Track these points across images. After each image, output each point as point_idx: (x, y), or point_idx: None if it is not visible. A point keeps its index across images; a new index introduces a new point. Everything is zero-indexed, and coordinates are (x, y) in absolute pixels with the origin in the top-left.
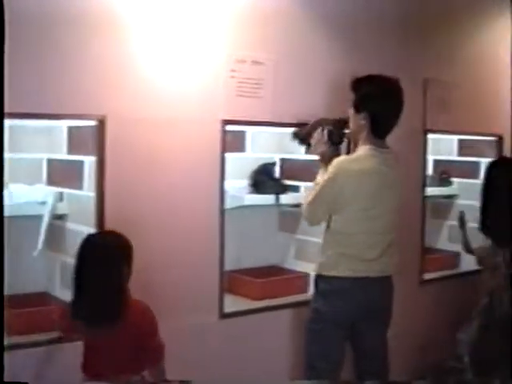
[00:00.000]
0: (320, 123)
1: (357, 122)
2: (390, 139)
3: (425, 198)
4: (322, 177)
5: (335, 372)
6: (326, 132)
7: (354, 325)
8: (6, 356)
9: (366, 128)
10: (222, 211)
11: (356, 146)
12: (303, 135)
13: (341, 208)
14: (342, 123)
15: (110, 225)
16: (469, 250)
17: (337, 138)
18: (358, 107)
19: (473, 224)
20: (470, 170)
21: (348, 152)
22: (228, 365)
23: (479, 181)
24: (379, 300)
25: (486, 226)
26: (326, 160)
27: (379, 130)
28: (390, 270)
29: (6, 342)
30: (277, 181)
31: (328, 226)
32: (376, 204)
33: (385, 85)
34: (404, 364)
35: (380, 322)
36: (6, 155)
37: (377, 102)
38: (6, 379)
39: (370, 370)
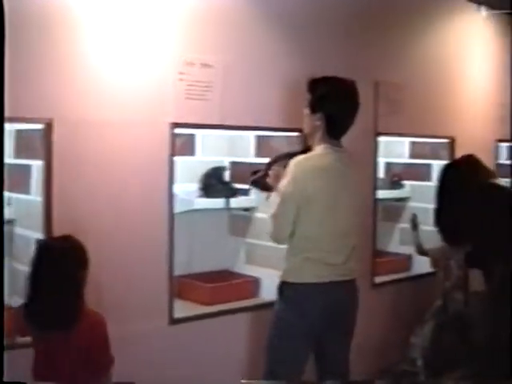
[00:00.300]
0: (274, 161)
1: (312, 123)
2: (343, 141)
3: (376, 200)
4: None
5: (297, 377)
6: (281, 168)
7: (318, 330)
8: None
9: (322, 129)
10: (171, 215)
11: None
12: (261, 179)
13: (304, 208)
14: (296, 156)
15: (57, 229)
16: (421, 251)
17: None
18: (314, 108)
19: (425, 226)
20: (421, 173)
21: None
22: (178, 371)
23: (431, 183)
24: (345, 304)
25: (439, 227)
26: None
27: (335, 131)
28: (355, 273)
29: None
30: (227, 184)
31: (292, 231)
32: (338, 203)
33: (341, 86)
34: (356, 368)
35: (345, 326)
36: None
37: (332, 103)
38: None
39: (332, 371)
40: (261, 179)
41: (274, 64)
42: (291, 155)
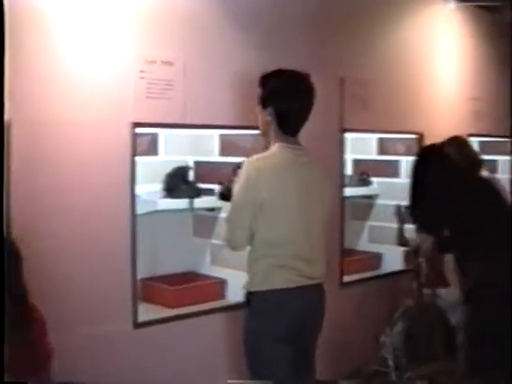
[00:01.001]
0: (238, 166)
1: (264, 119)
2: (307, 139)
3: (344, 198)
4: None
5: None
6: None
7: (291, 335)
8: None
9: (273, 124)
10: (134, 216)
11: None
12: (228, 190)
13: (261, 212)
14: None
15: (16, 230)
16: (403, 242)
17: None
18: (264, 102)
19: (395, 224)
20: (390, 169)
21: None
22: (143, 375)
23: (400, 180)
24: (314, 308)
25: (414, 216)
26: None
27: (287, 126)
28: (323, 276)
29: None
30: (191, 184)
31: (251, 237)
32: (299, 204)
33: (291, 79)
34: (326, 368)
35: (314, 329)
36: None
37: (281, 96)
38: None
39: (299, 372)
40: (228, 190)
41: (238, 61)
42: None
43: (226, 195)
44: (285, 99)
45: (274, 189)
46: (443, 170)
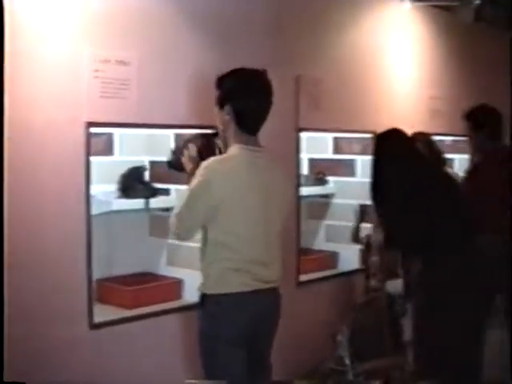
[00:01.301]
0: (188, 141)
1: (222, 118)
2: (263, 138)
3: (300, 198)
4: None
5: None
6: (194, 148)
7: (246, 338)
8: None
9: (232, 124)
10: (89, 217)
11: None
12: (176, 160)
13: (218, 214)
14: (209, 136)
15: None
16: (356, 239)
17: (207, 153)
18: (221, 102)
19: (351, 223)
20: (345, 168)
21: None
22: (100, 376)
23: (355, 179)
24: (270, 311)
25: (374, 202)
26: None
27: (246, 125)
28: (278, 279)
29: None
30: (146, 184)
31: (206, 238)
32: (257, 207)
33: (247, 77)
34: (281, 367)
35: (268, 333)
36: None
37: (239, 95)
38: None
39: (255, 374)
40: (177, 161)
41: (194, 61)
42: (206, 136)
43: (173, 164)
44: (242, 97)
45: (231, 193)
46: (402, 149)
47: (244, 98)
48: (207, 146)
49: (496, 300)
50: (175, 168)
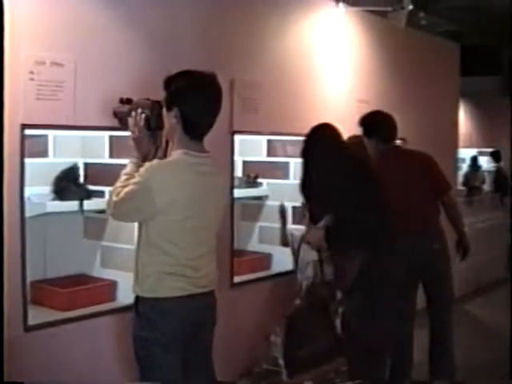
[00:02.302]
0: (137, 105)
1: (169, 121)
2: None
3: (234, 200)
4: (131, 168)
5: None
6: (142, 116)
7: (181, 343)
8: None
9: (179, 128)
10: (23, 219)
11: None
12: (122, 115)
13: (155, 218)
14: (158, 106)
15: None
16: (285, 243)
17: (153, 122)
18: (169, 104)
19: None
20: (279, 171)
21: (165, 155)
22: (36, 379)
23: (289, 181)
24: (205, 316)
25: (305, 198)
26: (140, 148)
27: (193, 130)
28: (214, 283)
29: None
30: (80, 186)
31: (141, 238)
32: (197, 213)
33: (196, 80)
34: (218, 368)
35: (204, 337)
36: None
37: (186, 97)
38: None
39: (195, 378)
40: (122, 114)
41: (128, 63)
42: (155, 104)
43: (117, 113)
44: (190, 100)
45: (171, 200)
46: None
47: (192, 101)
48: (155, 116)
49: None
50: (118, 118)
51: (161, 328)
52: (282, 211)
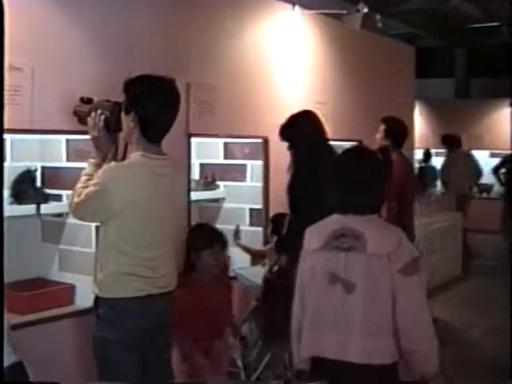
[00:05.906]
0: (97, 106)
1: (127, 124)
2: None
3: (190, 202)
4: (90, 168)
5: None
6: (101, 117)
7: (141, 344)
8: None
9: (136, 131)
10: None
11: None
12: (82, 114)
13: (113, 220)
14: (118, 109)
15: None
16: (252, 254)
17: (112, 124)
18: (127, 108)
19: (242, 226)
20: (236, 173)
21: (124, 156)
22: None
23: (246, 183)
24: (164, 316)
25: (292, 208)
26: (100, 148)
27: (150, 133)
28: (172, 285)
29: None
30: (38, 190)
31: (100, 239)
32: (153, 215)
33: (153, 85)
34: None
35: (165, 335)
36: None
37: (144, 102)
38: None
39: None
40: (82, 113)
41: (87, 68)
42: (114, 105)
43: (77, 112)
44: (147, 104)
45: (128, 203)
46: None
47: (149, 105)
48: (114, 118)
49: None
50: (78, 117)
51: (120, 328)
52: (237, 233)
